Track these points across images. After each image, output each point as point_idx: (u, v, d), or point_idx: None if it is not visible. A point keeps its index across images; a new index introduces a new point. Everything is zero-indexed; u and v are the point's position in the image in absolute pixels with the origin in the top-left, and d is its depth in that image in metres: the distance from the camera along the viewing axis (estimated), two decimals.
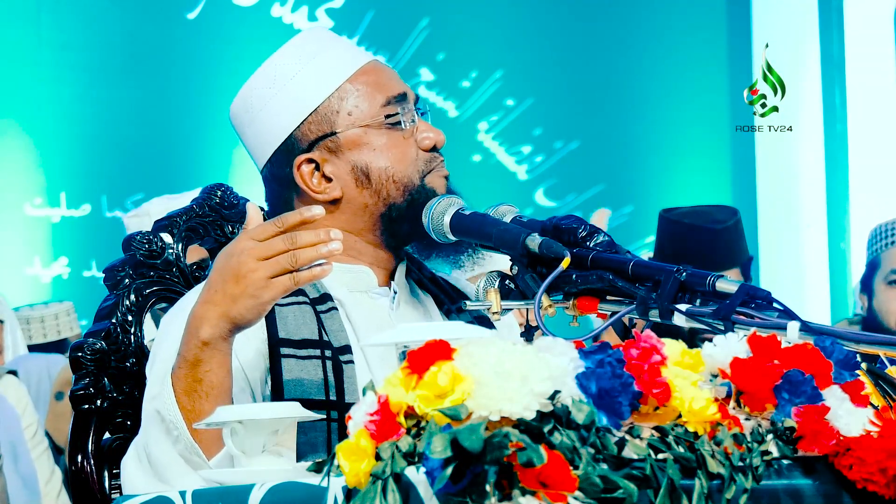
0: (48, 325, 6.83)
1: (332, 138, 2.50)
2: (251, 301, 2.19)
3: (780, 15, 9.35)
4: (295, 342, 2.41)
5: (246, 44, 8.57)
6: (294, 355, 2.40)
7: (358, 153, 2.50)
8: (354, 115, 2.50)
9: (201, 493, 1.84)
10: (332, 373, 2.41)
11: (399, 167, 2.49)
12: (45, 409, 6.06)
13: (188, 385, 2.23)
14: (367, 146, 2.50)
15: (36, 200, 8.29)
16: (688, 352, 1.75)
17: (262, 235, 2.20)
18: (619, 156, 9.26)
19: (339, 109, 2.51)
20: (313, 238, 2.18)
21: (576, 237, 2.26)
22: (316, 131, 2.52)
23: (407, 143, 2.50)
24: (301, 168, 2.52)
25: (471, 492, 1.52)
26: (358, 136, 2.50)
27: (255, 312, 2.21)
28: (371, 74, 2.53)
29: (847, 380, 1.78)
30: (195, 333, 2.22)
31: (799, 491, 1.70)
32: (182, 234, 2.71)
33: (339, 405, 2.38)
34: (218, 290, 2.21)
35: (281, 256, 2.17)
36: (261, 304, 2.20)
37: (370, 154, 2.49)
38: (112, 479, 2.59)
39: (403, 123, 2.49)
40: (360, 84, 2.52)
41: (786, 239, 9.32)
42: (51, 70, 8.31)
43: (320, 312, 2.46)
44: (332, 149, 2.50)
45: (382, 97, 2.51)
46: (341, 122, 2.50)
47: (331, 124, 2.51)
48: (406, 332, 1.91)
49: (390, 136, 2.50)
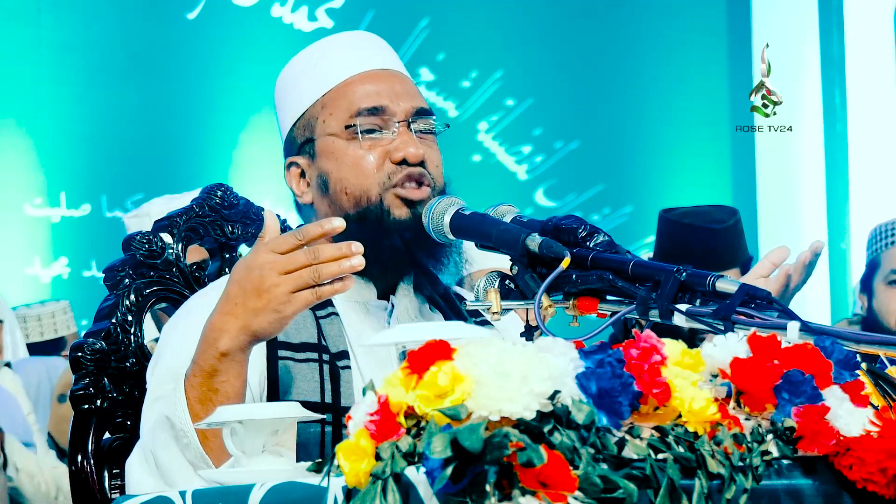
0: (45, 323, 6.84)
1: (311, 144, 2.52)
2: (273, 315, 2.20)
3: (780, 15, 9.35)
4: (294, 345, 2.42)
5: (246, 44, 8.58)
6: (292, 358, 2.41)
7: (325, 161, 2.50)
8: (327, 124, 2.51)
9: (201, 493, 1.84)
10: (328, 377, 2.41)
11: (353, 179, 2.47)
12: (46, 412, 6.06)
13: (202, 394, 2.23)
14: (331, 155, 2.50)
15: (36, 200, 8.29)
16: (688, 352, 1.75)
17: (283, 248, 2.20)
18: (619, 156, 9.26)
19: (319, 116, 2.52)
20: (335, 252, 2.18)
21: (576, 237, 2.26)
22: (301, 136, 2.55)
23: (370, 154, 2.47)
24: (291, 169, 2.55)
25: (471, 492, 1.52)
26: (326, 145, 2.51)
27: (277, 326, 2.22)
28: (359, 84, 2.52)
29: (847, 380, 1.78)
30: (213, 344, 2.23)
31: (799, 491, 1.70)
32: (182, 234, 2.71)
33: (334, 408, 2.39)
34: (238, 302, 2.21)
35: (304, 271, 2.18)
36: (283, 318, 2.21)
37: (332, 163, 2.49)
38: (112, 479, 2.59)
39: (364, 133, 2.47)
40: (343, 92, 2.52)
41: (786, 239, 9.32)
42: (51, 70, 8.31)
43: (320, 318, 2.46)
44: (311, 154, 2.52)
45: (354, 108, 2.49)
46: (318, 130, 2.52)
47: (311, 130, 2.53)
48: (406, 332, 1.91)
49: (352, 146, 2.48)
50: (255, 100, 8.43)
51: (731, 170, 9.45)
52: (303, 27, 8.85)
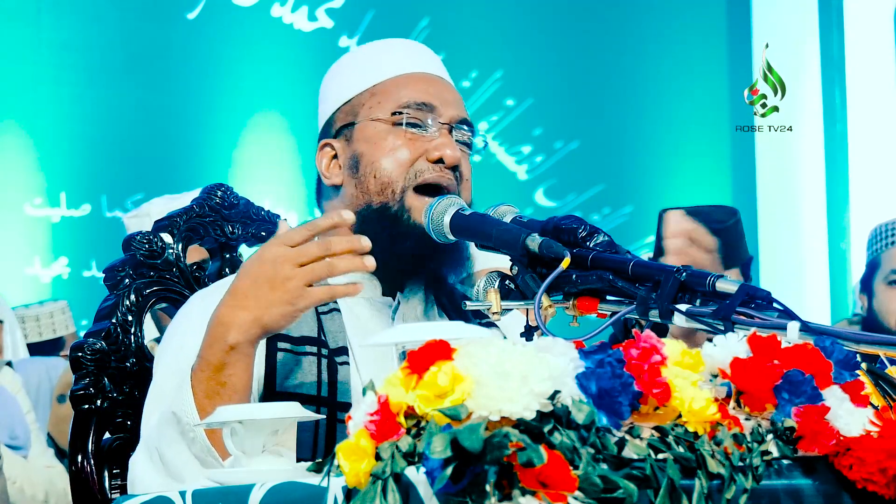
0: (43, 323, 6.83)
1: (351, 128, 2.53)
2: (287, 308, 2.20)
3: (780, 15, 9.35)
4: (294, 339, 2.42)
5: (246, 44, 8.57)
6: (291, 350, 2.41)
7: (361, 143, 2.52)
8: (373, 110, 2.53)
9: (201, 493, 1.84)
10: (326, 371, 2.41)
11: (385, 164, 2.48)
12: (46, 413, 6.06)
13: (210, 388, 2.23)
14: (370, 139, 2.51)
15: (36, 200, 8.28)
16: (688, 352, 1.75)
17: (295, 240, 2.20)
18: (619, 156, 9.26)
19: (366, 103, 2.54)
20: (346, 245, 2.18)
21: (576, 237, 2.26)
22: (343, 120, 2.56)
23: (407, 147, 2.49)
24: (323, 150, 2.56)
25: (471, 492, 1.52)
26: (367, 128, 2.52)
27: (289, 319, 2.22)
28: (411, 81, 2.56)
29: (847, 380, 1.78)
30: (221, 338, 2.22)
31: (799, 491, 1.70)
32: (182, 234, 2.71)
33: (331, 403, 2.39)
34: (249, 295, 2.21)
35: (317, 264, 2.18)
36: (295, 312, 2.20)
37: (368, 146, 2.51)
38: (112, 479, 2.59)
39: (408, 125, 2.49)
40: (394, 85, 2.54)
41: (786, 239, 9.32)
42: (51, 70, 8.30)
43: (321, 313, 2.46)
44: (349, 137, 2.54)
45: (405, 99, 2.52)
46: (362, 115, 2.53)
47: (355, 115, 2.54)
48: (406, 332, 1.91)
49: (393, 134, 2.50)
50: (255, 100, 8.42)
51: (731, 170, 9.45)
52: (303, 27, 8.84)
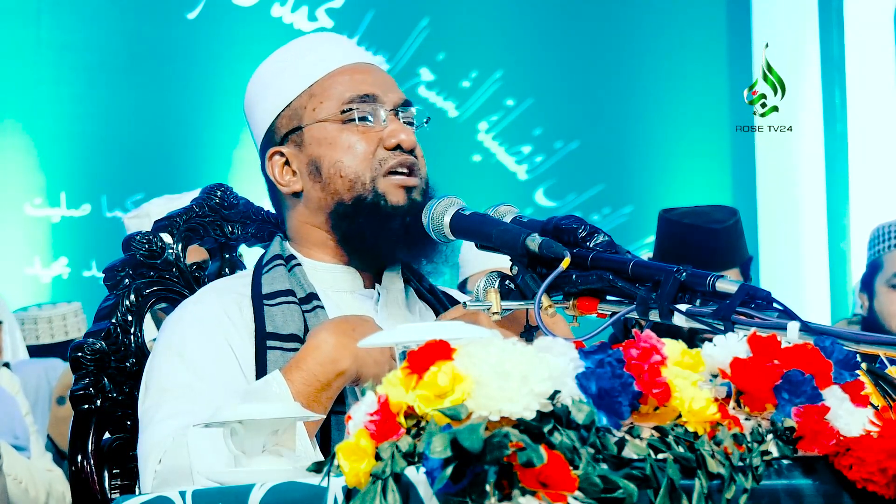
0: (55, 325, 6.79)
1: (298, 133, 2.55)
2: (378, 369, 2.29)
3: (780, 15, 9.35)
4: (282, 336, 2.45)
5: (246, 44, 8.57)
6: (280, 347, 2.44)
7: (316, 147, 2.53)
8: (318, 111, 2.54)
9: (201, 493, 1.84)
10: None
11: (348, 161, 2.50)
12: (45, 414, 6.05)
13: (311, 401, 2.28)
14: (324, 141, 2.53)
15: (36, 200, 8.28)
16: (688, 352, 1.75)
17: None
18: (619, 156, 9.25)
19: (308, 105, 2.55)
20: None
21: (576, 237, 2.26)
22: (287, 125, 2.57)
23: (363, 140, 2.51)
24: (272, 159, 2.57)
25: (471, 492, 1.52)
26: (318, 131, 2.54)
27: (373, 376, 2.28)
28: (347, 74, 2.57)
29: (847, 380, 1.78)
30: (334, 363, 2.29)
31: (799, 491, 1.70)
32: (182, 234, 2.71)
33: None
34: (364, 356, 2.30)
35: None
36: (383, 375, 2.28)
37: (325, 148, 2.52)
38: (112, 479, 2.59)
39: (358, 120, 2.51)
40: (332, 82, 2.55)
41: (786, 239, 9.32)
42: (51, 70, 8.30)
43: (306, 312, 2.49)
44: (298, 143, 2.55)
45: (347, 95, 2.53)
46: (307, 117, 2.54)
47: (299, 119, 2.55)
48: (406, 332, 1.91)
49: (346, 131, 2.52)
50: None
51: (731, 170, 9.44)
52: (303, 27, 8.84)
